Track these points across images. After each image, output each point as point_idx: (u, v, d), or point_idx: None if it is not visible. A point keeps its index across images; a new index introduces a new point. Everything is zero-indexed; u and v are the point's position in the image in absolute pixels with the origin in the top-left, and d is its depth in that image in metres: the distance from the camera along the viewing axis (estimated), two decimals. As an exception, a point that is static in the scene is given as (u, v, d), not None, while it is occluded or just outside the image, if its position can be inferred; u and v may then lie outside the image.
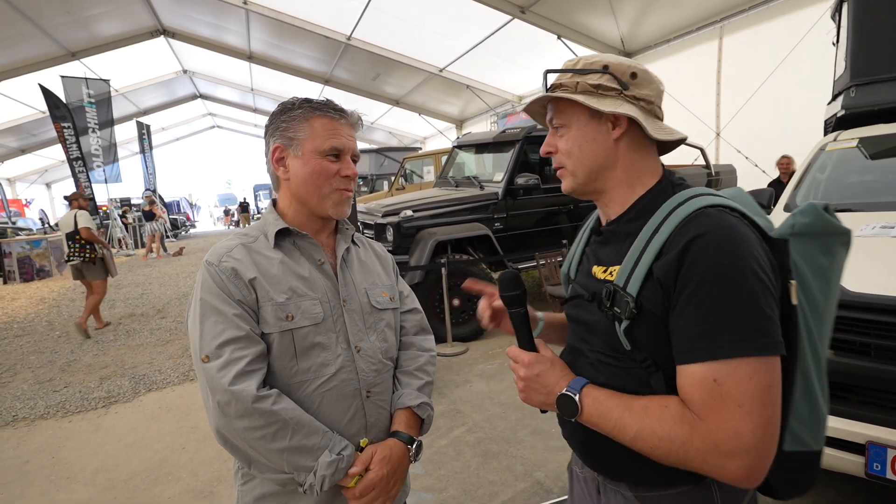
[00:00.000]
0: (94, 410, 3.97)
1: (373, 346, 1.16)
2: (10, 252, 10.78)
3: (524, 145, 5.65)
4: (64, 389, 4.41)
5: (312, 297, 1.09)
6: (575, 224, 5.97)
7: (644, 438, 0.78)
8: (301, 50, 13.10)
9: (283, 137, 1.11)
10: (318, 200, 1.12)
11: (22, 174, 22.88)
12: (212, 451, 3.20)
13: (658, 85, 0.94)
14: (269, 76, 16.00)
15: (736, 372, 0.72)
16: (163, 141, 27.64)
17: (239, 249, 1.09)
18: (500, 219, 5.48)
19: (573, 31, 9.02)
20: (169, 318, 6.82)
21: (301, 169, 1.11)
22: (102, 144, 15.10)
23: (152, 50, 14.68)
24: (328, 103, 1.13)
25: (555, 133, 0.97)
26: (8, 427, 3.76)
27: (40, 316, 7.43)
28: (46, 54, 12.27)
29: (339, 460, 1.02)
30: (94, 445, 3.39)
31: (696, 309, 0.75)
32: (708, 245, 0.76)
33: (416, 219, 5.07)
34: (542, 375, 0.92)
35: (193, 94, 21.62)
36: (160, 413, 3.84)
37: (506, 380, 4.05)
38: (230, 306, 1.02)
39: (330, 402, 1.08)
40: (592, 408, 0.85)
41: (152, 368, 4.82)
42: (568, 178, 0.96)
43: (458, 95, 14.08)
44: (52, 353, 5.54)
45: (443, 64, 12.40)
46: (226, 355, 0.98)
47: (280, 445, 0.98)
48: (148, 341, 5.77)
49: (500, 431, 3.22)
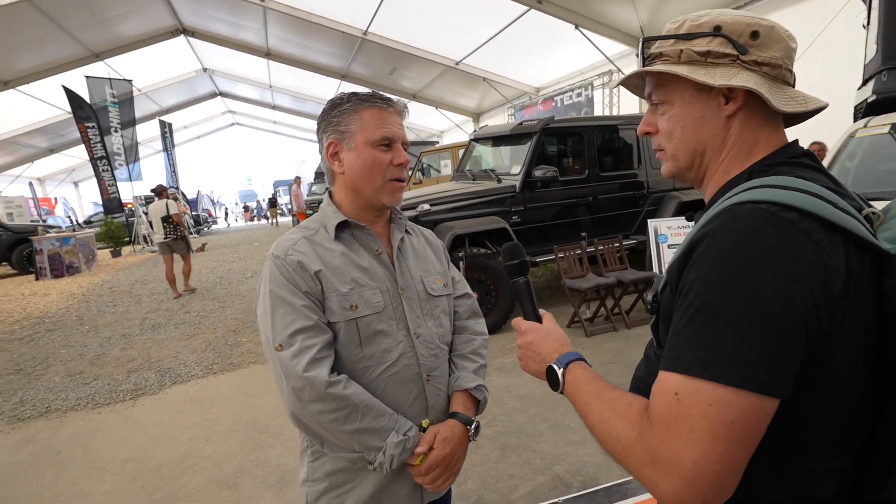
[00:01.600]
0: (122, 402, 4.08)
1: (430, 331, 1.21)
2: (41, 249, 11.12)
3: (542, 137, 5.59)
4: (93, 382, 4.55)
5: (373, 286, 1.14)
6: (594, 217, 5.90)
7: (599, 430, 0.75)
8: (318, 45, 13.16)
9: (335, 132, 1.16)
10: (372, 190, 1.16)
11: (51, 174, 23.54)
12: (234, 444, 3.26)
13: (788, 42, 0.76)
14: (287, 73, 16.15)
15: (698, 394, 0.63)
16: (184, 139, 28.15)
17: (303, 242, 1.14)
18: (518, 212, 5.45)
19: (591, 20, 8.87)
20: (192, 312, 6.97)
21: (355, 161, 1.15)
22: (125, 143, 15.45)
23: (173, 49, 14.93)
24: (374, 94, 1.16)
25: (654, 110, 0.84)
26: (42, 418, 3.89)
27: (70, 311, 7.66)
28: (71, 55, 12.57)
29: (405, 440, 1.08)
30: (122, 437, 3.49)
31: (685, 314, 0.67)
32: (711, 249, 0.65)
33: (434, 213, 5.07)
34: (535, 344, 0.92)
35: (213, 92, 21.94)
36: (185, 406, 3.93)
37: (525, 374, 4.03)
38: (298, 297, 1.07)
39: (393, 385, 1.14)
40: (571, 385, 0.83)
41: (177, 362, 4.93)
42: (668, 161, 0.84)
43: (475, 88, 14.00)
44: (81, 346, 5.71)
45: (459, 57, 12.33)
46: (297, 344, 1.04)
47: (351, 427, 1.05)
48: (173, 335, 5.90)
49: (519, 425, 3.21)
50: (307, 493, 1.18)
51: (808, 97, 0.77)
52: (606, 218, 5.98)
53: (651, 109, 0.85)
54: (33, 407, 4.09)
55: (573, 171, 5.95)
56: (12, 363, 5.28)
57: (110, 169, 14.63)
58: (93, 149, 14.21)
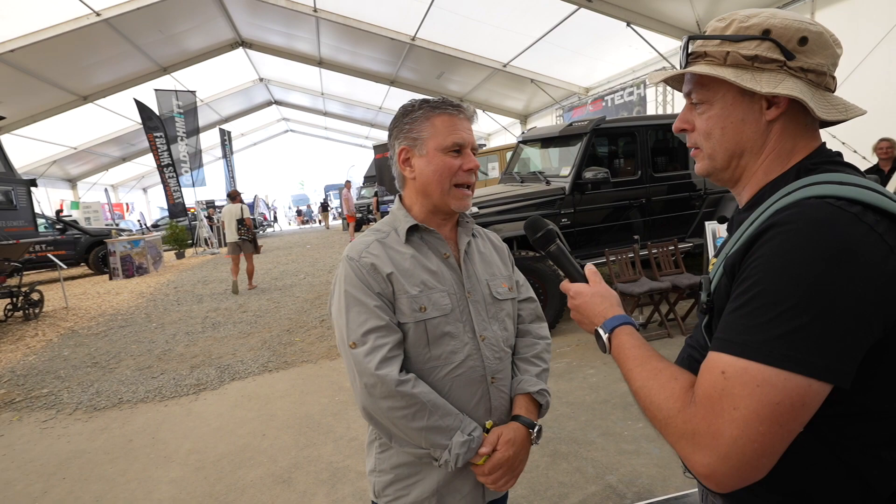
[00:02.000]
0: (186, 396, 4.31)
1: (495, 334, 1.23)
2: (114, 251, 11.94)
3: (592, 138, 5.48)
4: (160, 376, 4.83)
5: (441, 289, 1.17)
6: (647, 219, 5.72)
7: (641, 396, 0.78)
8: (367, 52, 13.47)
9: (407, 139, 1.19)
10: (441, 195, 1.18)
11: (123, 181, 25.28)
12: (289, 439, 3.38)
13: (835, 49, 0.76)
14: (338, 80, 16.62)
15: (745, 374, 0.65)
16: (242, 146, 29.49)
17: (375, 245, 1.18)
18: (568, 214, 5.35)
19: (643, 17, 8.61)
20: (249, 312, 7.28)
21: (426, 167, 1.17)
22: (190, 151, 16.36)
23: (232, 61, 15.71)
24: (445, 101, 1.19)
25: (692, 109, 0.85)
26: (115, 408, 4.17)
27: (139, 309, 8.17)
28: (142, 70, 13.48)
29: (470, 440, 1.11)
30: (186, 428, 3.69)
31: (738, 297, 0.69)
32: (782, 234, 0.66)
33: (482, 215, 5.06)
34: (582, 307, 0.95)
35: (269, 101, 22.89)
36: (243, 401, 4.11)
37: (574, 379, 3.96)
38: (371, 298, 1.11)
39: (459, 386, 1.17)
40: (616, 349, 0.86)
41: (235, 359, 5.16)
42: (704, 160, 0.85)
43: (522, 90, 13.89)
44: (149, 342, 6.08)
45: (506, 59, 12.28)
46: (370, 342, 1.08)
47: (419, 424, 1.08)
48: (231, 334, 6.18)
49: (570, 432, 3.15)
50: (374, 483, 1.22)
51: (848, 105, 0.78)
52: (660, 220, 5.78)
53: (689, 107, 0.86)
54: (108, 398, 4.39)
55: (625, 172, 5.79)
56: (90, 357, 5.69)
57: (175, 175, 15.53)
58: (160, 157, 15.14)
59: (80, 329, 7.10)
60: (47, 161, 17.21)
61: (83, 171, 20.70)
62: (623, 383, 3.71)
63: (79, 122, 14.96)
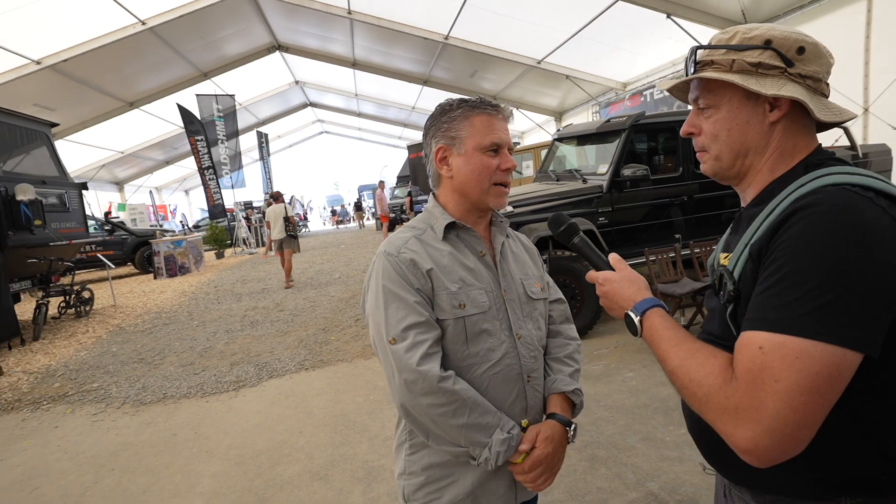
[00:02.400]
0: (226, 393, 4.44)
1: (531, 333, 1.24)
2: (158, 251, 12.44)
3: (631, 134, 5.35)
4: (202, 373, 5.00)
5: (479, 286, 1.17)
6: (689, 217, 5.55)
7: (678, 375, 0.81)
8: (401, 52, 13.57)
9: (445, 137, 1.19)
10: (479, 194, 1.19)
11: (166, 183, 26.31)
12: (325, 437, 3.43)
13: (828, 59, 0.87)
14: (371, 81, 16.81)
15: (783, 347, 0.70)
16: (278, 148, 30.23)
17: (413, 241, 1.18)
18: (605, 213, 5.25)
19: (685, 8, 8.34)
20: (286, 311, 7.44)
21: (464, 166, 1.18)
22: (229, 154, 16.89)
23: (269, 65, 16.12)
24: (484, 101, 1.19)
25: (699, 113, 0.93)
26: (160, 403, 4.34)
27: (182, 307, 8.48)
28: (184, 76, 13.99)
29: (510, 438, 1.10)
30: (226, 424, 3.80)
31: (768, 278, 0.74)
32: (807, 218, 0.72)
33: (516, 214, 5.02)
34: (611, 294, 0.98)
35: (304, 103, 23.38)
36: (280, 398, 4.20)
37: (613, 382, 3.88)
38: (411, 294, 1.11)
39: (496, 384, 1.16)
40: (649, 332, 0.89)
41: (273, 357, 5.29)
42: (710, 161, 0.93)
43: (557, 87, 13.71)
44: (191, 340, 6.30)
45: (541, 55, 12.14)
46: (410, 338, 1.08)
47: (459, 422, 1.07)
48: (269, 332, 6.34)
49: (608, 436, 3.08)
50: (404, 487, 1.20)
51: (842, 109, 0.88)
52: (703, 219, 5.60)
53: (696, 112, 0.93)
54: (153, 393, 4.57)
55: (666, 169, 5.64)
56: (136, 353, 5.94)
57: (216, 177, 16.06)
58: (201, 160, 15.69)
59: (127, 326, 7.42)
60: (97, 165, 18.08)
61: (129, 175, 21.65)
62: (665, 387, 3.63)
63: (125, 128, 15.65)
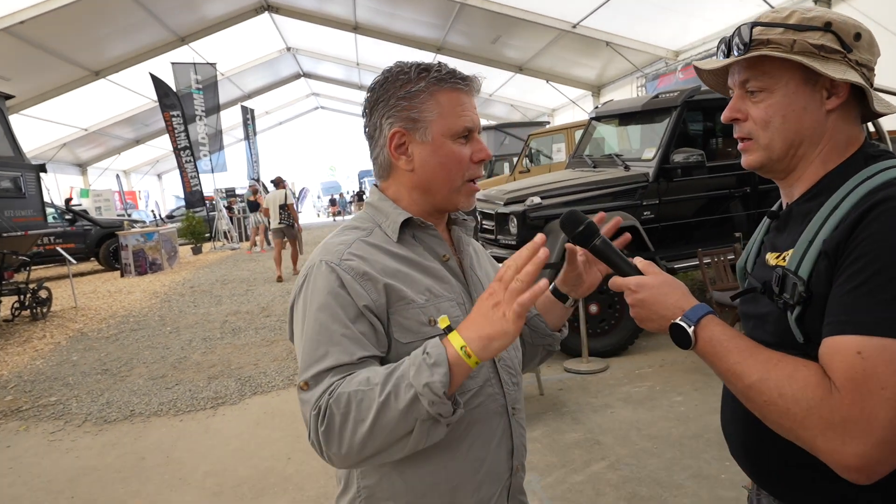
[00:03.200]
0: (203, 411, 4.51)
1: (510, 353, 1.18)
2: (126, 245, 12.65)
3: (683, 112, 5.31)
4: (175, 387, 5.08)
5: (448, 297, 1.09)
6: (752, 212, 5.50)
7: (761, 390, 0.82)
8: (410, 15, 13.60)
9: (402, 119, 1.08)
10: (448, 192, 1.10)
11: (136, 166, 26.73)
12: (318, 464, 3.46)
13: (877, 50, 0.94)
14: (376, 48, 16.85)
15: (885, 351, 0.73)
16: (266, 126, 30.50)
17: (360, 245, 1.07)
18: (651, 206, 5.22)
19: (751, -38, 8.26)
20: (273, 316, 7.52)
21: (431, 157, 1.08)
22: (209, 132, 17.10)
23: (256, 28, 16.25)
24: (452, 72, 1.09)
25: (745, 98, 0.97)
26: (126, 421, 4.42)
27: (153, 310, 8.62)
28: (158, 41, 14.18)
29: (424, 358, 0.89)
30: (203, 447, 3.86)
31: (853, 277, 0.78)
32: (889, 212, 0.78)
33: (545, 207, 5.02)
34: (648, 301, 0.96)
35: (297, 73, 23.55)
36: (265, 419, 4.25)
37: (658, 408, 3.86)
38: (344, 320, 0.98)
39: (477, 421, 1.08)
40: (708, 344, 0.88)
41: (257, 370, 5.35)
42: (757, 151, 0.97)
43: (596, 55, 13.62)
44: (164, 348, 6.40)
45: (576, 18, 12.07)
46: (323, 385, 0.94)
47: (373, 408, 0.89)
48: (253, 341, 6.41)
49: (652, 471, 3.07)
50: None
51: (889, 102, 0.95)
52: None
53: (741, 95, 0.97)
54: (118, 410, 4.66)
55: (724, 154, 5.60)
56: (100, 363, 6.05)
57: (193, 160, 16.27)
58: (177, 138, 15.91)
59: (90, 331, 7.56)
60: (57, 144, 18.43)
61: (94, 155, 22.03)
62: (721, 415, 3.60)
63: (90, 101, 15.91)
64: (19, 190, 8.23)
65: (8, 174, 8.04)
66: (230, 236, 18.57)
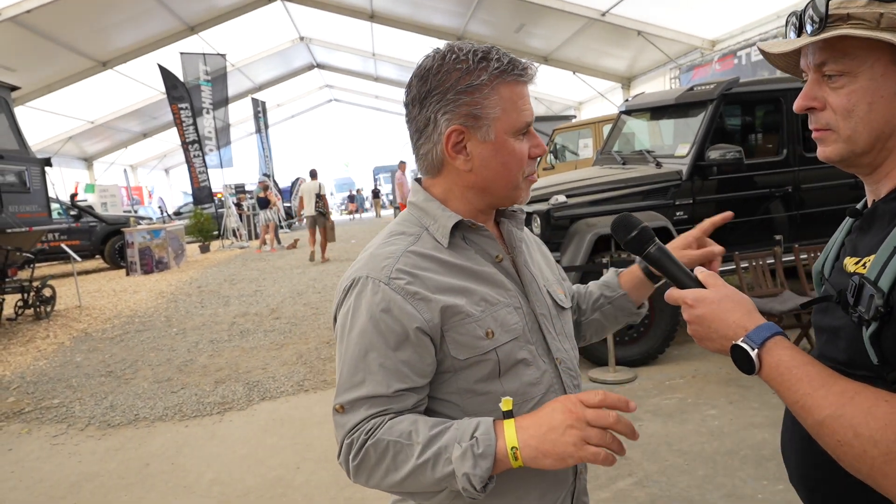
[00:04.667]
0: (210, 416, 4.56)
1: (569, 355, 1.18)
2: (132, 242, 12.86)
3: (720, 106, 5.24)
4: (181, 391, 5.14)
5: (506, 303, 1.08)
6: (794, 214, 5.41)
7: (834, 429, 0.76)
8: (430, 2, 13.64)
9: (463, 115, 1.03)
10: (507, 192, 1.09)
11: (143, 160, 27.18)
12: (328, 475, 3.48)
13: None
14: (393, 37, 16.94)
15: None
16: (278, 119, 30.81)
17: (408, 258, 1.04)
18: (685, 206, 5.16)
19: (795, -55, 8.14)
20: (283, 318, 7.59)
21: (493, 157, 1.05)
22: (217, 125, 17.31)
23: (269, 17, 16.43)
24: (514, 62, 1.05)
25: (823, 83, 0.89)
26: (130, 426, 4.49)
27: (159, 311, 8.75)
28: (167, 30, 14.40)
29: (472, 445, 0.91)
30: (209, 454, 3.90)
31: None
32: None
33: (571, 206, 4.99)
34: (707, 318, 0.90)
35: (310, 64, 23.76)
36: (274, 426, 4.29)
37: (689, 421, 3.81)
38: (386, 348, 0.99)
39: None
40: (775, 370, 0.83)
41: (266, 375, 5.40)
42: (838, 143, 0.89)
43: (626, 45, 13.53)
44: (169, 350, 6.49)
45: (606, 6, 12.01)
46: (357, 416, 1.00)
47: (398, 477, 0.96)
48: (262, 344, 6.47)
49: (683, 489, 3.03)
50: None
51: None
52: (812, 216, 5.44)
53: (816, 81, 0.90)
54: (123, 413, 4.73)
55: (765, 151, 5.51)
56: (104, 364, 6.16)
57: (201, 154, 16.48)
58: (185, 132, 16.14)
59: (94, 332, 7.70)
60: (62, 137, 18.83)
61: (100, 149, 22.45)
62: (759, 430, 3.55)
63: (97, 92, 16.24)
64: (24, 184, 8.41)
65: (13, 168, 8.22)
66: (239, 234, 18.77)
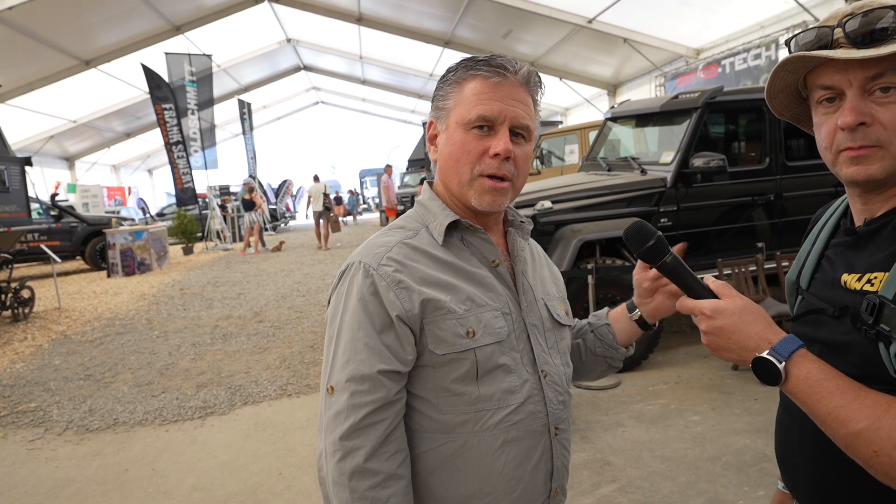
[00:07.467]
0: (191, 421, 4.50)
1: (558, 370, 1.17)
2: (113, 244, 12.69)
3: (705, 114, 5.30)
4: (162, 395, 5.08)
5: (493, 307, 1.09)
6: (776, 221, 5.48)
7: (870, 440, 0.76)
8: (417, 6, 13.66)
9: (434, 109, 1.14)
10: (458, 187, 1.10)
11: (126, 160, 26.87)
12: (310, 481, 3.45)
13: None
14: (380, 41, 16.95)
15: None
16: (264, 120, 30.64)
17: (401, 249, 1.08)
18: (669, 213, 5.20)
19: (778, -44, 8.26)
20: (266, 322, 7.53)
21: (444, 146, 1.11)
22: (202, 126, 17.16)
23: (255, 17, 16.36)
24: (487, 59, 1.08)
25: (866, 98, 0.87)
26: (109, 430, 4.42)
27: (140, 313, 8.64)
28: (152, 29, 14.28)
29: None
30: (189, 460, 3.85)
31: None
32: None
33: (556, 212, 5.01)
34: (727, 329, 0.90)
35: (297, 66, 23.68)
36: (256, 430, 4.25)
37: (672, 426, 3.83)
38: (372, 329, 1.03)
39: (514, 439, 1.07)
40: (804, 384, 0.83)
41: (248, 379, 5.35)
42: (885, 161, 0.86)
43: (612, 52, 13.65)
44: (150, 353, 6.41)
45: (593, 13, 12.10)
46: (346, 396, 1.02)
47: None
48: (245, 347, 6.41)
49: (665, 496, 3.05)
50: None
51: None
52: (794, 223, 5.51)
53: (860, 96, 0.86)
54: (101, 418, 4.66)
55: (748, 159, 5.58)
56: (83, 367, 6.06)
57: (185, 155, 16.31)
58: (168, 133, 15.96)
59: (74, 334, 7.58)
60: (44, 136, 18.56)
61: (82, 149, 22.17)
62: (740, 436, 3.58)
63: (79, 91, 16.04)
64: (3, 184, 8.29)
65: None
66: (223, 236, 18.60)
